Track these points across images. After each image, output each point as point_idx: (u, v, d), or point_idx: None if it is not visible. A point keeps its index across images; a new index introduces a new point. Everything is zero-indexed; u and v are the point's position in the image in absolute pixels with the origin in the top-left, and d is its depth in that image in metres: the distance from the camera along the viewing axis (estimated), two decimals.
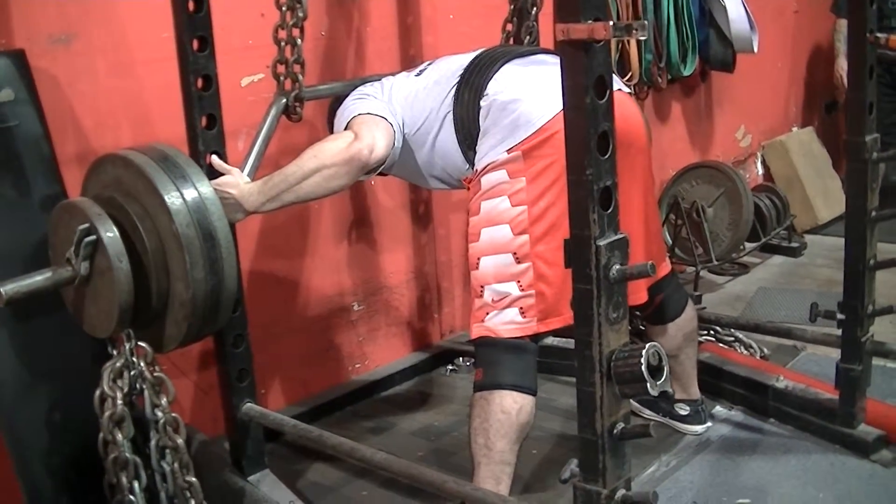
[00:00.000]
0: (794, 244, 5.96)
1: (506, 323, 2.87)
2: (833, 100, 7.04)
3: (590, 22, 1.88)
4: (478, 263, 2.92)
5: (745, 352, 4.26)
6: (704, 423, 3.65)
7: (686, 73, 5.39)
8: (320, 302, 4.12)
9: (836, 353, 3.44)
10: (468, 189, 3.03)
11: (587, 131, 1.94)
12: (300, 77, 3.25)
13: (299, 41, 3.22)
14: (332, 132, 3.47)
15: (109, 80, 3.30)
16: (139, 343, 2.70)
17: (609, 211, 2.01)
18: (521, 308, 2.85)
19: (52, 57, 3.15)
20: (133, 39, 3.32)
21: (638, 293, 3.16)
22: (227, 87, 3.13)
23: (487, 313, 2.90)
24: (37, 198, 3.01)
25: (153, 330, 2.74)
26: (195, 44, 2.98)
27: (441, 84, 3.11)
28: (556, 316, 2.86)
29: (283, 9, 3.20)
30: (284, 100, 3.25)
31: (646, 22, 2.00)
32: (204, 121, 3.03)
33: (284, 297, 4.00)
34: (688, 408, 3.63)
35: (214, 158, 3.02)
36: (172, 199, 2.58)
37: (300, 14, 3.19)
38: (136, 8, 3.29)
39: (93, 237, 2.55)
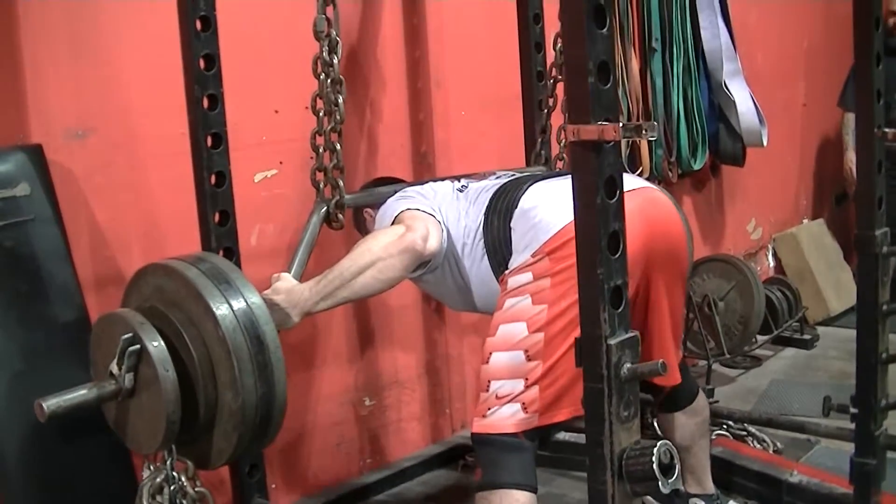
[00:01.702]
0: (806, 336, 5.94)
1: (506, 418, 2.83)
2: (843, 191, 7.07)
3: (600, 123, 1.91)
4: (489, 358, 2.89)
5: (759, 446, 4.23)
6: None
7: (696, 167, 5.43)
8: (332, 396, 4.11)
9: (850, 447, 3.40)
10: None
11: (598, 231, 1.96)
12: (341, 183, 3.22)
13: (338, 146, 3.21)
14: (363, 233, 3.49)
15: (125, 174, 3.33)
16: (180, 457, 2.62)
17: (620, 310, 2.01)
18: (524, 403, 2.82)
19: (69, 151, 3.19)
20: (148, 135, 3.36)
21: (672, 374, 3.22)
22: (240, 183, 3.17)
23: (490, 408, 2.86)
24: (51, 291, 3.04)
25: (200, 445, 2.63)
26: (209, 140, 3.02)
27: (475, 210, 3.12)
28: (557, 411, 2.84)
29: (321, 114, 3.20)
30: (325, 207, 3.21)
31: (655, 123, 2.02)
32: (217, 217, 3.05)
33: (296, 392, 3.97)
34: (702, 503, 3.59)
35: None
36: (217, 304, 2.49)
37: (337, 117, 3.19)
38: (152, 104, 3.34)
39: (137, 346, 2.45)
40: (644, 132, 1.89)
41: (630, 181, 3.07)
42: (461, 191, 3.23)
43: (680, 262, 3.17)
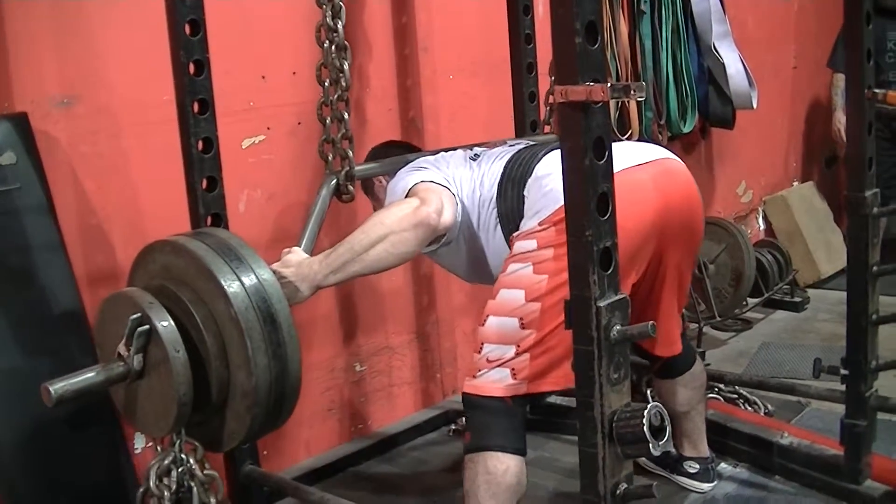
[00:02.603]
0: (797, 299, 5.95)
1: (494, 381, 2.82)
2: (833, 154, 7.06)
3: (588, 84, 1.90)
4: (485, 321, 2.87)
5: (750, 408, 4.23)
6: (713, 481, 3.61)
7: (686, 130, 5.41)
8: (322, 363, 4.11)
9: (840, 409, 3.41)
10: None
11: (586, 192, 1.95)
12: (350, 154, 3.16)
13: (346, 115, 3.16)
14: (373, 199, 3.49)
15: (111, 141, 3.31)
16: (188, 439, 2.55)
17: (609, 272, 2.01)
18: (513, 369, 2.80)
19: (54, 119, 3.16)
20: (134, 102, 3.34)
21: (673, 344, 3.29)
22: (228, 149, 3.15)
23: (480, 370, 2.86)
24: (38, 259, 3.02)
25: (211, 426, 2.57)
26: (196, 106, 3.00)
27: (490, 179, 3.06)
28: (546, 380, 2.82)
29: (326, 84, 3.16)
30: (335, 179, 3.16)
31: (643, 83, 2.01)
32: (204, 183, 3.04)
33: None
34: (697, 465, 3.60)
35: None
36: (228, 281, 2.42)
37: (343, 84, 3.14)
38: (138, 71, 3.31)
39: (146, 327, 2.38)
40: (632, 92, 1.89)
41: (648, 151, 3.04)
42: (474, 159, 3.17)
43: (694, 234, 3.17)
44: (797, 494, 3.54)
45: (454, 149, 3.37)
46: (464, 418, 3.01)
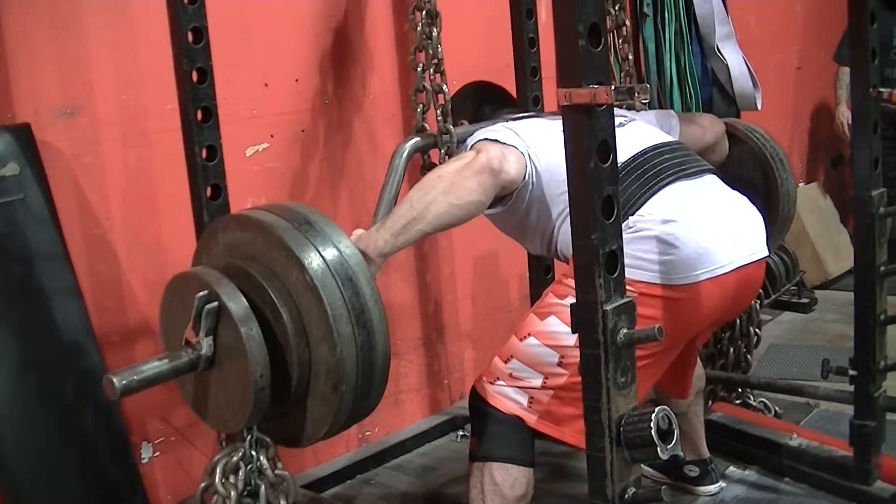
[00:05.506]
0: (805, 300, 5.93)
1: (509, 399, 2.78)
2: (838, 154, 7.05)
3: (592, 86, 1.89)
4: (525, 337, 2.77)
5: (758, 410, 4.21)
6: (717, 482, 3.60)
7: None
8: None
9: (849, 410, 3.40)
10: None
11: (592, 196, 1.94)
12: (451, 129, 3.10)
13: (445, 87, 3.17)
14: None
15: (114, 151, 3.30)
16: (260, 435, 2.40)
17: (615, 275, 2.00)
18: (531, 398, 2.74)
19: (57, 130, 3.16)
20: (138, 111, 3.33)
21: (687, 389, 3.36)
22: (232, 157, 3.14)
23: (498, 379, 2.80)
24: (42, 270, 3.02)
25: (292, 417, 2.34)
26: (199, 114, 2.99)
27: None
28: (556, 426, 2.74)
29: (419, 69, 3.21)
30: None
31: (648, 86, 2.00)
32: (209, 191, 3.03)
33: None
34: (697, 469, 3.58)
35: None
36: (301, 247, 2.21)
37: (431, 52, 3.16)
38: (141, 80, 3.30)
39: (214, 304, 2.17)
40: (637, 95, 1.88)
41: (749, 244, 2.85)
42: None
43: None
44: (807, 496, 3.53)
45: (546, 116, 3.18)
46: (470, 420, 2.95)
